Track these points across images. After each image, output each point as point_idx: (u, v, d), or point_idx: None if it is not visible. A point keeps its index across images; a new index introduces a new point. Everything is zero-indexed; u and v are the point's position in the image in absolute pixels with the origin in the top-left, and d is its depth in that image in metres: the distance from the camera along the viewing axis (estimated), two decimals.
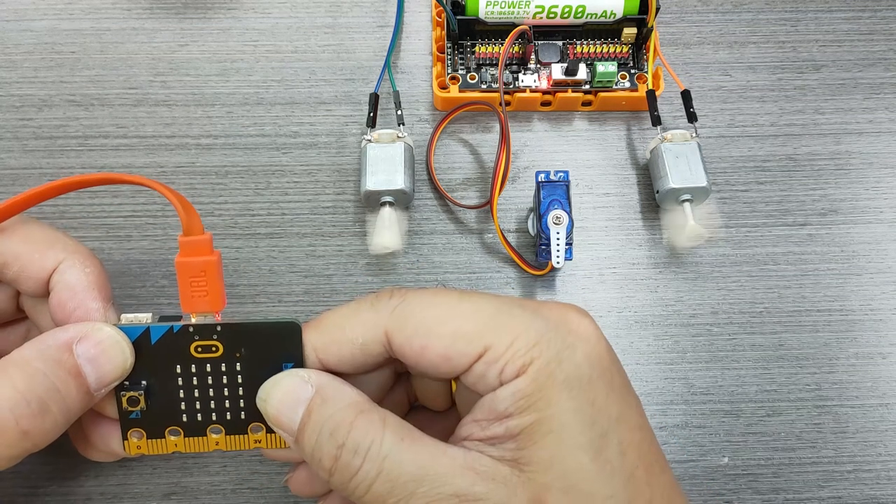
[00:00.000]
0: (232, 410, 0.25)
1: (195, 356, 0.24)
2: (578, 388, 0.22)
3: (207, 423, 0.25)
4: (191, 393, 0.24)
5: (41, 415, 0.21)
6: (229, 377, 0.24)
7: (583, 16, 0.37)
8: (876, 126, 0.38)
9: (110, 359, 0.23)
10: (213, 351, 0.24)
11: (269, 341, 0.24)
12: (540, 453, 0.21)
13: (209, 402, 0.25)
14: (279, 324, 0.24)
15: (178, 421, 0.25)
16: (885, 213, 0.36)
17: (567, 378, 0.22)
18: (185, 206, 0.23)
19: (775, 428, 0.33)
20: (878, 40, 0.40)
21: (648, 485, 0.22)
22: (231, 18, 0.40)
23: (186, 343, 0.24)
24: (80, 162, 0.36)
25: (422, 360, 0.23)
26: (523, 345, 0.22)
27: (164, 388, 0.24)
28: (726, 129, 0.38)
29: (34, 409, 0.21)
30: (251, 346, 0.24)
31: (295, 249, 0.35)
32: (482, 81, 0.37)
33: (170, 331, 0.24)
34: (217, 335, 0.24)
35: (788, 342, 0.34)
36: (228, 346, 0.24)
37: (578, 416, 0.22)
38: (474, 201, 0.36)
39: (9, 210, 0.24)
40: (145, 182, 0.24)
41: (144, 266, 0.34)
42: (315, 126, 0.38)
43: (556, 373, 0.22)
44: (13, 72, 0.38)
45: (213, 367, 0.24)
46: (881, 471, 0.32)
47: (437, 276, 0.35)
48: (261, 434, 0.25)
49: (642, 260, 0.35)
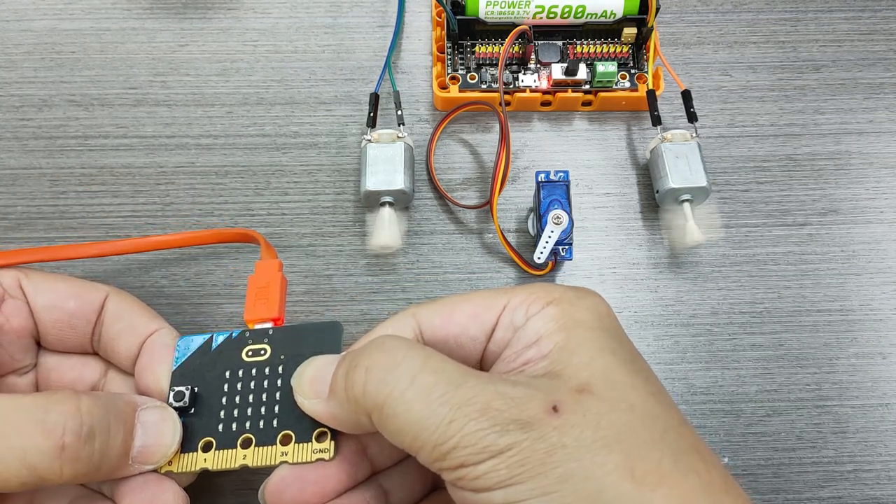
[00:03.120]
0: (266, 417, 0.25)
1: (245, 360, 0.26)
2: (599, 319, 0.24)
3: (241, 431, 0.25)
4: (233, 400, 0.25)
5: (85, 441, 0.22)
6: (271, 380, 0.25)
7: (583, 16, 0.37)
8: (876, 126, 0.38)
9: (161, 434, 0.24)
10: (261, 354, 0.26)
11: (312, 341, 0.26)
12: (575, 360, 0.22)
13: (247, 408, 0.25)
14: (324, 324, 0.26)
15: (214, 431, 0.25)
16: (885, 213, 0.36)
17: (589, 308, 0.24)
18: (265, 243, 0.30)
19: (775, 428, 0.33)
20: (878, 40, 0.40)
21: (673, 407, 0.23)
22: (231, 18, 0.40)
23: (241, 347, 0.26)
24: (80, 162, 0.36)
25: (451, 326, 0.24)
26: (542, 293, 0.24)
27: (211, 395, 0.25)
28: (726, 129, 0.38)
29: (82, 432, 0.22)
30: (295, 347, 0.26)
31: (295, 249, 0.35)
32: (482, 81, 0.37)
33: (229, 336, 0.26)
34: (268, 339, 0.26)
35: (788, 342, 0.34)
36: (275, 347, 0.26)
37: (605, 336, 0.23)
38: (474, 201, 0.36)
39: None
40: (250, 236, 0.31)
41: (144, 266, 0.34)
42: (315, 126, 0.38)
43: (577, 305, 0.24)
44: (13, 72, 0.38)
45: (258, 371, 0.26)
46: (881, 471, 0.32)
47: (437, 277, 0.35)
48: (289, 447, 0.25)
49: (642, 260, 0.35)
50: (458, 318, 0.25)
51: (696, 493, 0.20)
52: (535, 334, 0.23)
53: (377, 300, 0.34)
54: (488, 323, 0.24)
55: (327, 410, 0.23)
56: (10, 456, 0.21)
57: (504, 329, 0.24)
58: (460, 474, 0.20)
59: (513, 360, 0.24)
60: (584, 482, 0.19)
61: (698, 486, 0.20)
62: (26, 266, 0.28)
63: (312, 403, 0.24)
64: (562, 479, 0.19)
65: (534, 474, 0.20)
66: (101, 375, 0.28)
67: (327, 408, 0.23)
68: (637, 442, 0.20)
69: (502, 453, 0.20)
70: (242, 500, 0.31)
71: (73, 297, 0.27)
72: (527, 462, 0.20)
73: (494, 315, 0.24)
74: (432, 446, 0.20)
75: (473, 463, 0.20)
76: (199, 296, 0.34)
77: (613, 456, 0.20)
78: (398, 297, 0.34)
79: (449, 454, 0.20)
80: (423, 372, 0.21)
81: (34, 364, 0.28)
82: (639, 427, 0.21)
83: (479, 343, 0.25)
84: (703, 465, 0.21)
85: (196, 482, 0.26)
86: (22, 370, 0.28)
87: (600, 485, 0.19)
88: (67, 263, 0.34)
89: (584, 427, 0.20)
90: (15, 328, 0.27)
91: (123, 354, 0.27)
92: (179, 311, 0.34)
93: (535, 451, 0.20)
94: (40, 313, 0.27)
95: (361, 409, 0.22)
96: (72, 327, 0.27)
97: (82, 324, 0.27)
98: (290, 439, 0.25)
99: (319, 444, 0.25)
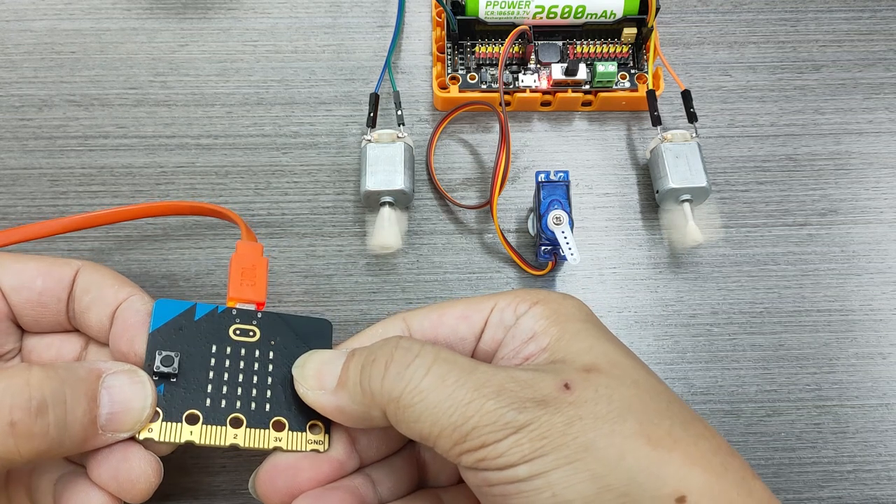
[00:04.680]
0: (257, 400, 0.25)
1: (233, 338, 0.26)
2: (586, 315, 0.25)
3: (230, 410, 0.24)
4: (220, 376, 0.25)
5: (36, 414, 0.21)
6: (261, 364, 0.25)
7: (583, 16, 0.37)
8: (876, 126, 0.38)
9: (129, 398, 0.23)
10: (250, 335, 0.26)
11: (303, 334, 0.26)
12: (575, 347, 0.23)
13: (237, 388, 0.25)
14: (315, 319, 0.27)
15: (201, 404, 0.24)
16: (885, 213, 0.36)
17: (573, 306, 0.25)
18: (241, 222, 0.29)
19: (775, 428, 0.33)
20: (878, 40, 0.40)
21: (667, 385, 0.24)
22: (231, 18, 0.40)
23: (227, 324, 0.26)
24: (80, 162, 0.36)
25: (440, 328, 0.25)
26: (527, 296, 0.25)
27: (195, 365, 0.25)
28: (726, 129, 0.38)
29: (31, 406, 0.21)
30: (286, 336, 0.26)
31: (295, 249, 0.35)
32: (482, 81, 0.37)
33: (214, 310, 0.26)
34: (257, 321, 0.26)
35: (788, 342, 0.34)
36: (265, 332, 0.26)
37: (595, 328, 0.24)
38: (474, 201, 0.36)
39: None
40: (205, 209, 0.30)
41: (144, 266, 0.34)
42: (315, 126, 0.38)
43: (562, 304, 0.25)
44: (13, 72, 0.38)
45: (248, 352, 0.26)
46: (881, 471, 0.32)
47: (437, 277, 0.35)
48: (283, 433, 0.25)
49: (642, 260, 0.35)
50: (446, 321, 0.25)
51: (707, 455, 0.21)
52: (530, 331, 0.24)
53: (377, 300, 0.34)
54: (477, 324, 0.25)
55: (334, 402, 0.24)
56: None
57: (494, 328, 0.25)
58: (482, 455, 0.21)
59: (513, 357, 0.24)
60: (606, 449, 0.20)
61: (708, 448, 0.21)
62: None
63: (317, 395, 0.24)
64: (584, 448, 0.20)
65: (556, 445, 0.20)
66: (81, 350, 0.28)
67: (334, 400, 0.24)
68: (648, 412, 0.22)
69: (523, 428, 0.21)
70: (240, 500, 0.31)
71: (41, 274, 0.27)
72: (548, 434, 0.21)
73: (483, 316, 0.25)
74: (452, 429, 0.21)
75: (495, 441, 0.21)
76: (200, 296, 0.34)
77: (629, 424, 0.21)
78: (398, 297, 0.34)
79: (469, 435, 0.21)
80: (437, 362, 0.22)
81: (18, 348, 0.28)
82: (647, 399, 0.22)
83: (469, 343, 0.25)
84: (708, 432, 0.22)
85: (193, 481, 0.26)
86: (7, 355, 0.27)
87: (621, 450, 0.20)
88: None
89: (597, 401, 0.21)
90: None
91: (95, 327, 0.27)
92: None
93: (554, 425, 0.21)
94: (10, 295, 0.26)
95: (377, 402, 0.22)
96: (42, 305, 0.27)
97: (52, 301, 0.27)
98: (282, 426, 0.25)
99: (314, 436, 0.25)
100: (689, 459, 0.21)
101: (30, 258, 0.27)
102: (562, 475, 0.20)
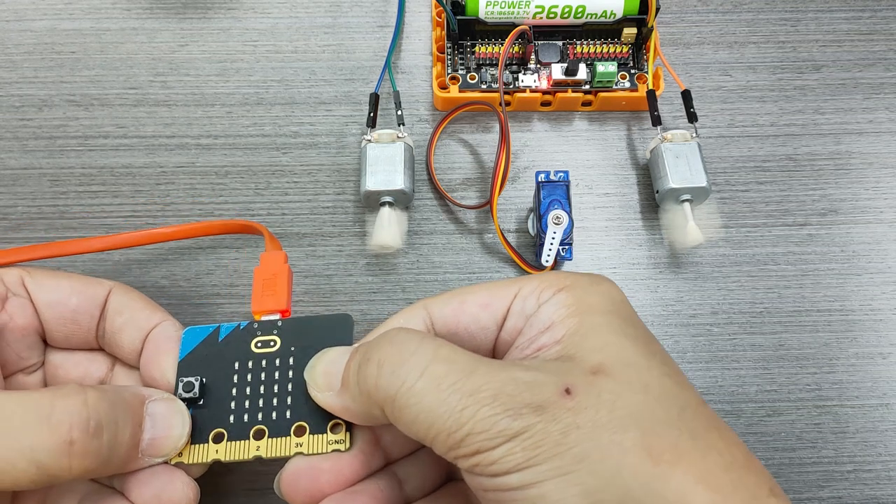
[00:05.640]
0: (279, 409, 0.25)
1: (255, 351, 0.26)
2: (613, 304, 0.24)
3: (253, 423, 0.25)
4: (243, 390, 0.25)
5: (93, 435, 0.22)
6: (282, 371, 0.25)
7: (583, 16, 0.37)
8: (876, 126, 0.38)
9: (170, 426, 0.24)
10: (271, 346, 0.26)
11: (323, 334, 0.26)
12: (588, 344, 0.22)
13: (258, 399, 0.25)
14: (334, 316, 0.26)
15: (225, 422, 0.25)
16: (885, 213, 0.36)
17: (601, 293, 0.24)
18: (266, 232, 0.30)
19: (775, 428, 0.33)
20: (878, 40, 0.40)
21: (690, 388, 0.23)
22: (231, 18, 0.40)
23: (249, 339, 0.26)
24: (80, 162, 0.36)
25: (462, 316, 0.24)
26: (554, 280, 0.24)
27: (219, 385, 0.25)
28: (726, 129, 0.38)
29: (90, 427, 0.22)
30: (306, 339, 0.26)
31: (295, 249, 0.35)
32: (482, 81, 0.37)
33: (237, 328, 0.26)
34: (277, 330, 0.26)
35: (788, 342, 0.34)
36: (285, 340, 0.26)
37: (619, 320, 0.23)
38: (474, 201, 0.36)
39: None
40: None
41: (144, 266, 0.34)
42: (315, 126, 0.38)
43: (589, 290, 0.24)
44: (13, 72, 0.38)
45: (269, 362, 0.26)
46: (881, 471, 0.32)
47: (437, 277, 0.35)
48: (304, 438, 0.25)
49: (642, 260, 0.35)
50: (468, 308, 0.25)
51: (715, 470, 0.20)
52: (548, 320, 0.23)
53: (377, 300, 0.34)
54: (499, 312, 0.24)
55: (340, 403, 0.23)
56: (18, 455, 0.21)
57: (516, 317, 0.24)
58: (476, 461, 0.20)
59: (526, 347, 0.23)
60: (601, 462, 0.19)
61: (718, 463, 0.20)
62: (29, 264, 0.28)
63: (325, 396, 0.24)
64: (578, 459, 0.19)
65: (550, 455, 0.20)
66: (108, 370, 0.28)
67: (340, 400, 0.23)
68: (653, 421, 0.20)
69: (517, 436, 0.20)
70: (252, 499, 0.31)
71: (76, 293, 0.27)
72: (542, 444, 0.20)
73: (505, 304, 0.24)
74: (446, 434, 0.20)
75: (488, 448, 0.20)
76: (200, 296, 0.34)
77: (630, 435, 0.20)
78: (398, 297, 0.34)
79: (463, 441, 0.20)
80: (434, 362, 0.21)
81: (41, 362, 0.28)
82: (655, 406, 0.21)
83: (491, 332, 0.25)
84: (722, 443, 0.21)
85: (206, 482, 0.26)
86: (29, 368, 0.28)
87: (617, 463, 0.19)
88: (69, 262, 0.34)
89: (598, 408, 0.20)
90: (20, 326, 0.27)
91: (127, 348, 0.27)
92: (180, 311, 0.34)
93: (549, 433, 0.20)
94: (44, 310, 0.27)
95: (374, 402, 0.22)
96: (75, 323, 0.27)
97: (86, 319, 0.27)
98: (304, 430, 0.25)
99: (335, 436, 0.25)
100: (695, 476, 0.19)
101: (63, 275, 0.28)
102: (554, 487, 0.19)
